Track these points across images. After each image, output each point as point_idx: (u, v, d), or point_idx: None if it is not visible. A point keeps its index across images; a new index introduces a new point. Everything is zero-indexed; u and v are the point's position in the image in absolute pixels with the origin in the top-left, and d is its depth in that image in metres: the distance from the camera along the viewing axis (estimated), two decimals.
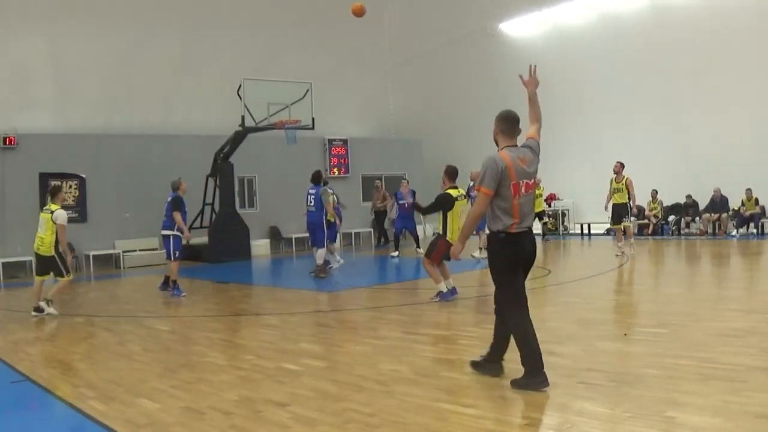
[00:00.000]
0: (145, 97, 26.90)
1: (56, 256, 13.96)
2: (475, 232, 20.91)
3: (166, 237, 16.24)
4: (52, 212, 13.90)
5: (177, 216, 15.91)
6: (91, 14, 24.62)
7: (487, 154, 7.30)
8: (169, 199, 16.24)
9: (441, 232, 13.07)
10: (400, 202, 23.24)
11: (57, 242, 13.94)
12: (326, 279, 17.86)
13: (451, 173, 13.24)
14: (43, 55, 24.82)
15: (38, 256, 14.30)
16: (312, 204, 18.20)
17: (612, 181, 19.77)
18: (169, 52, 27.05)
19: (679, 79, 24.94)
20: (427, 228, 32.48)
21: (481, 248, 20.73)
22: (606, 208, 20.29)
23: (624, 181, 19.36)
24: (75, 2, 24.09)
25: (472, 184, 20.09)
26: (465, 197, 13.32)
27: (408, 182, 24.37)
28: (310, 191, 18.38)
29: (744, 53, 23.40)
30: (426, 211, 13.81)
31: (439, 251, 12.91)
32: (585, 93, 27.87)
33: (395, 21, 31.17)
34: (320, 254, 18.11)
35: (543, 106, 8.51)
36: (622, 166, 19.61)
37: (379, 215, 28.32)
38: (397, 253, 22.96)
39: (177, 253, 16.13)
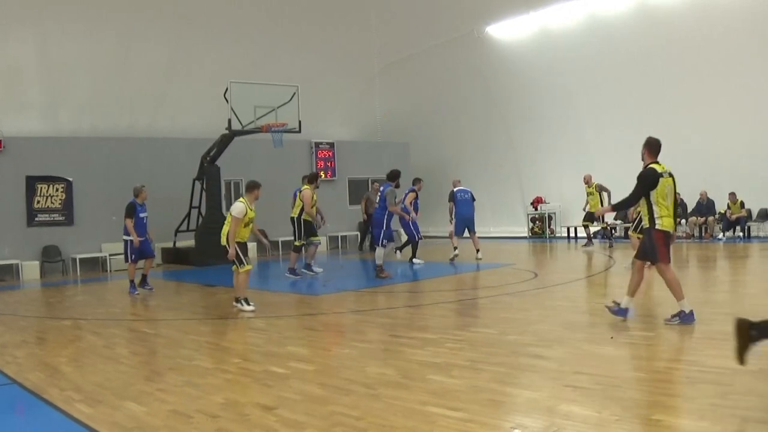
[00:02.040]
0: (134, 100, 26.86)
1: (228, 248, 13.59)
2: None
3: (124, 242, 17.58)
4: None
5: (128, 222, 17.17)
6: (80, 17, 24.52)
7: (473, 157, 7.35)
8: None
9: (648, 223, 10.35)
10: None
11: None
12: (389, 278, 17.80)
13: (653, 145, 10.56)
14: (31, 57, 24.72)
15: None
16: (378, 202, 18.45)
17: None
18: (157, 56, 26.98)
19: (667, 82, 24.92)
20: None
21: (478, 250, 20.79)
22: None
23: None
24: (64, 4, 24.02)
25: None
26: (670, 175, 10.33)
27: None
28: (381, 189, 18.71)
29: (733, 55, 23.39)
30: (627, 202, 10.75)
31: (663, 248, 10.18)
32: (572, 95, 27.90)
33: (382, 24, 31.16)
34: (378, 254, 18.08)
35: (530, 109, 8.55)
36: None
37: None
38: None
39: (133, 255, 17.38)
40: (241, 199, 13.77)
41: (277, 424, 6.38)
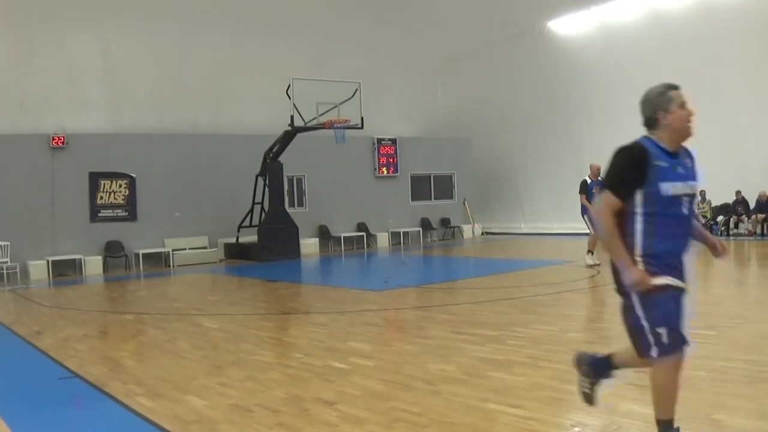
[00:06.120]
0: (195, 96, 27.13)
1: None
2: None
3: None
4: None
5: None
6: (142, 14, 24.87)
7: (534, 152, 7.21)
8: None
9: None
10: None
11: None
12: None
13: None
14: (93, 55, 25.12)
15: None
16: None
17: None
18: (218, 53, 27.23)
19: (728, 77, 24.49)
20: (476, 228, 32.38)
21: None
22: None
23: None
24: (126, 2, 24.35)
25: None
26: None
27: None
28: None
29: None
30: None
31: None
32: (633, 90, 27.35)
33: (443, 20, 31.12)
34: None
35: (591, 104, 8.35)
36: None
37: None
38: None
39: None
40: None
41: (338, 419, 6.39)
